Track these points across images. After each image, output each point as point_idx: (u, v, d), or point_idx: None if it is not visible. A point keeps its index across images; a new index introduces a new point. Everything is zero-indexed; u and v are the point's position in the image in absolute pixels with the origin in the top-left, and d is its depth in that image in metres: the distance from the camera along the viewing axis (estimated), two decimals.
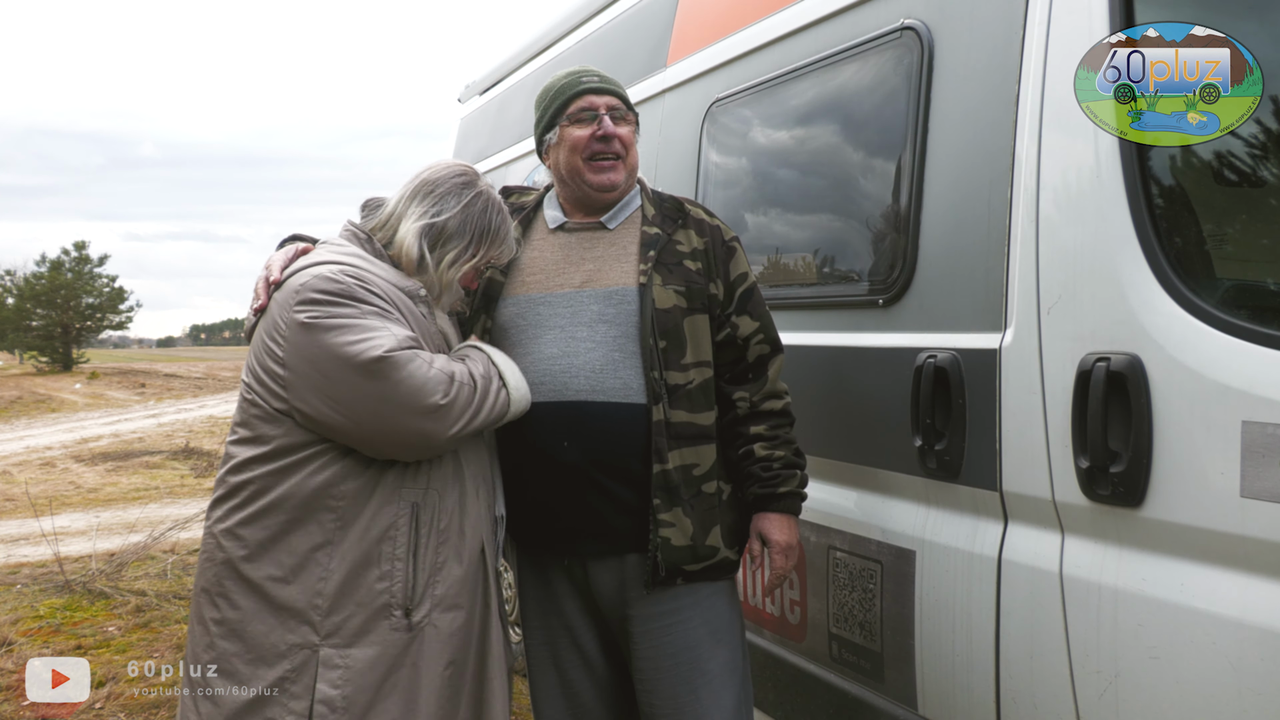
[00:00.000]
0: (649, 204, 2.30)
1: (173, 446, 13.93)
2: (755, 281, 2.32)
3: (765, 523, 2.25)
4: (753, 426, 2.26)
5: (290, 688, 1.91)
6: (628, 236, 2.26)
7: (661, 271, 2.19)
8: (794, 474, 2.26)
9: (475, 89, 5.80)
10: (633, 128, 2.27)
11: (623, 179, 2.25)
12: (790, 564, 2.25)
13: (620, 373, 2.14)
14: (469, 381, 1.97)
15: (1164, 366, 1.64)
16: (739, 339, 2.26)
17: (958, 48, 2.15)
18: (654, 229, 2.24)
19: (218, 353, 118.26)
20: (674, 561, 2.13)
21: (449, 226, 2.07)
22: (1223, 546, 1.57)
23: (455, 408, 1.93)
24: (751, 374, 2.28)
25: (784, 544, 2.24)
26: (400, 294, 2.01)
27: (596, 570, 2.21)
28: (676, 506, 2.13)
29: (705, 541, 2.17)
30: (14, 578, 6.50)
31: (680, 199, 2.33)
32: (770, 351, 2.29)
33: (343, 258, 2.02)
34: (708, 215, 2.33)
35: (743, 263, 2.31)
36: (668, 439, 2.13)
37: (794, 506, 2.27)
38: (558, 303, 2.21)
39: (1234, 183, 1.76)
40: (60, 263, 44.65)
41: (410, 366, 1.88)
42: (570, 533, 2.18)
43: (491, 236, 2.11)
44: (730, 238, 2.31)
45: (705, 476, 2.18)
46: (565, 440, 2.13)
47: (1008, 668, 1.93)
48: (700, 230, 2.28)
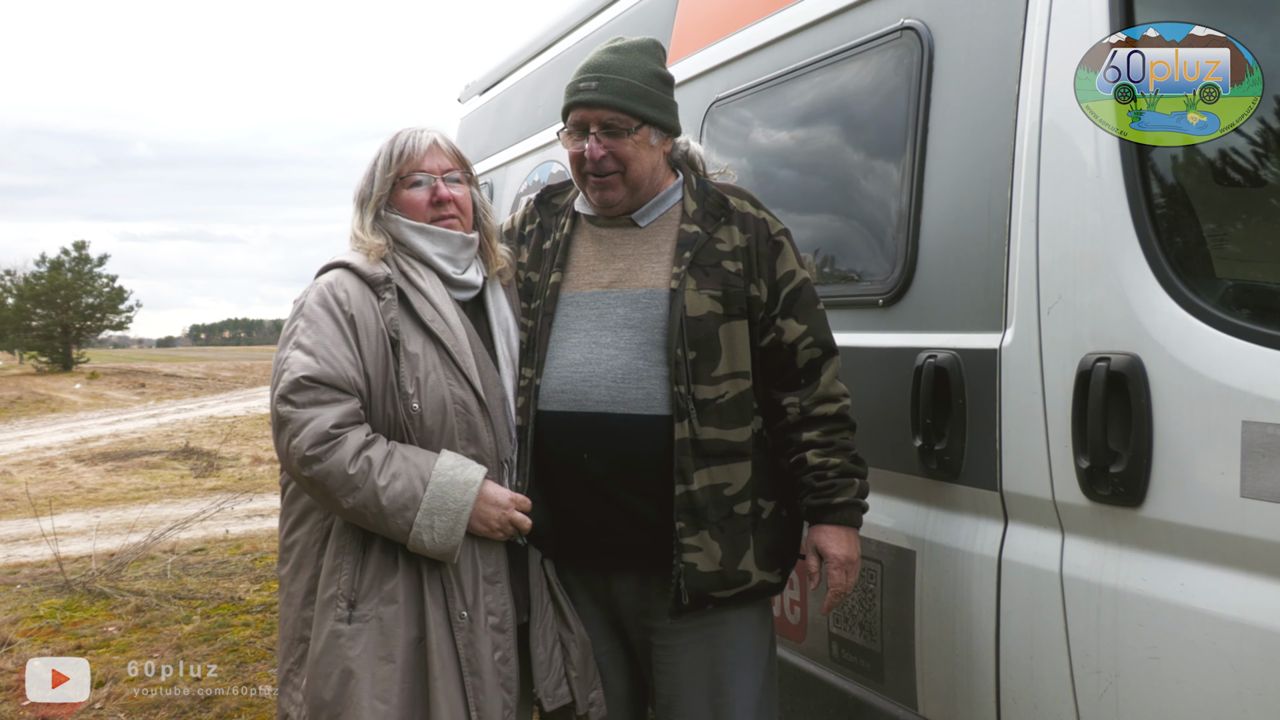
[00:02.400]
0: (691, 199, 2.14)
1: (173, 446, 13.93)
2: (806, 279, 2.13)
3: (822, 536, 2.07)
4: (805, 433, 2.08)
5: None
6: (663, 234, 2.13)
7: (697, 274, 2.05)
8: (851, 483, 2.08)
9: (475, 89, 5.80)
10: (636, 139, 2.08)
11: (620, 196, 2.11)
12: (851, 581, 2.09)
13: (644, 383, 2.03)
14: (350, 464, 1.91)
15: (1164, 366, 1.63)
16: (785, 344, 2.09)
17: (958, 48, 2.15)
18: (693, 227, 2.09)
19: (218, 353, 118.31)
20: (700, 588, 2.01)
21: (359, 186, 2.16)
22: (1223, 546, 1.57)
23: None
24: (803, 379, 2.10)
25: (843, 559, 2.06)
26: (361, 299, 2.03)
27: (618, 584, 2.14)
28: (703, 530, 2.00)
29: (737, 567, 2.03)
30: (14, 578, 6.50)
31: (727, 192, 2.16)
32: (822, 355, 2.11)
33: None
34: (754, 208, 2.14)
35: (791, 259, 2.11)
36: (694, 458, 1.99)
37: (852, 518, 2.08)
38: (585, 303, 2.12)
39: (1234, 183, 1.76)
40: (60, 263, 44.64)
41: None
42: (593, 545, 2.11)
43: (386, 158, 2.13)
44: (778, 231, 2.12)
45: (738, 496, 2.03)
46: (585, 453, 2.04)
47: (1008, 668, 1.93)
48: (744, 226, 2.10)
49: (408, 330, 2.02)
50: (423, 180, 2.11)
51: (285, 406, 1.91)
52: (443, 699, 1.96)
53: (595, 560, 2.14)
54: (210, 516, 7.93)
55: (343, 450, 1.90)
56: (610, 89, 2.07)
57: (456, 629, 1.99)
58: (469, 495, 1.96)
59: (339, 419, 1.91)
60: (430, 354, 2.02)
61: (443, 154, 2.15)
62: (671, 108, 2.17)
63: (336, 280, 2.04)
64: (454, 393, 2.02)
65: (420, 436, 2.00)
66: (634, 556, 2.08)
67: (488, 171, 5.16)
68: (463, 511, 1.95)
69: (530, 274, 2.23)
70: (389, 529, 1.94)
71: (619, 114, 2.07)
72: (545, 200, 2.32)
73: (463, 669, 1.99)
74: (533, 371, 2.11)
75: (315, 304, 2.01)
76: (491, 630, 2.03)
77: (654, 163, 2.14)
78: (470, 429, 2.04)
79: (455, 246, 2.12)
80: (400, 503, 1.92)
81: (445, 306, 2.08)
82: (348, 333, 1.98)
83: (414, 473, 1.94)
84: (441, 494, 1.94)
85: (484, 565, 2.04)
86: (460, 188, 2.15)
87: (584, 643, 2.17)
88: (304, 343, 1.96)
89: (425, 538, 1.94)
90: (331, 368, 1.93)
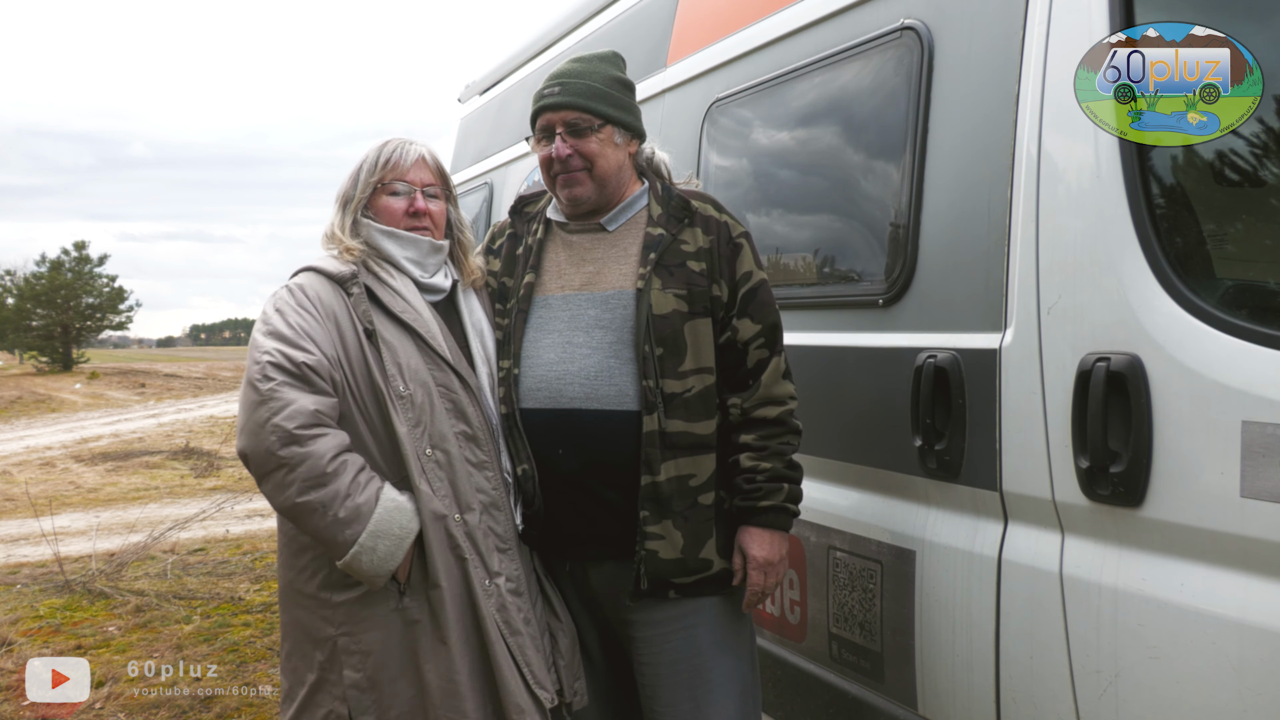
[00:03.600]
0: (656, 203, 2.23)
1: (173, 446, 13.93)
2: (763, 280, 2.20)
3: (745, 536, 2.15)
4: (742, 435, 2.15)
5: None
6: (630, 238, 2.22)
7: (662, 274, 2.13)
8: (779, 488, 2.14)
9: (475, 89, 5.80)
10: (600, 136, 2.17)
11: (588, 192, 2.19)
12: (769, 582, 2.16)
13: (616, 380, 2.11)
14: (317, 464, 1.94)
15: (1164, 366, 1.63)
16: (739, 343, 2.16)
17: (958, 48, 2.15)
18: (658, 230, 2.18)
19: (218, 353, 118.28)
20: (661, 574, 2.09)
21: (343, 186, 2.22)
22: (1223, 546, 1.57)
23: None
24: (750, 380, 2.17)
25: (761, 560, 2.13)
26: (331, 296, 2.09)
27: (596, 575, 2.21)
28: (666, 519, 2.08)
29: (698, 555, 2.11)
30: (14, 578, 6.50)
31: (689, 196, 2.24)
32: (767, 355, 2.17)
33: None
34: (716, 211, 2.22)
35: (749, 260, 2.19)
36: (661, 449, 2.07)
37: (778, 521, 2.15)
38: (557, 305, 2.21)
39: (1234, 183, 1.76)
40: (60, 263, 44.66)
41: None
42: (571, 538, 2.19)
43: (371, 164, 2.18)
44: (738, 234, 2.20)
45: (703, 487, 2.12)
46: (561, 449, 2.13)
47: (1008, 668, 1.93)
48: (707, 228, 2.19)
49: (381, 322, 2.09)
50: (402, 190, 2.19)
51: (266, 384, 1.94)
52: (503, 662, 2.06)
53: (574, 551, 2.22)
54: (210, 516, 7.93)
55: (326, 442, 1.94)
56: (571, 91, 2.18)
57: (487, 596, 2.07)
58: (414, 526, 2.01)
59: (322, 406, 1.97)
60: (406, 343, 2.09)
61: (427, 169, 2.23)
62: (634, 110, 2.27)
63: (306, 282, 2.12)
64: (435, 375, 2.09)
65: (412, 415, 2.04)
66: (608, 546, 2.15)
67: (487, 171, 5.16)
68: (405, 540, 2.00)
69: (504, 279, 2.31)
70: (334, 538, 1.96)
71: (581, 114, 2.17)
72: (519, 209, 2.42)
73: (502, 632, 2.07)
74: (510, 362, 2.20)
75: (288, 301, 2.07)
76: (510, 595, 2.12)
77: (619, 161, 2.22)
78: (457, 407, 2.11)
79: (423, 251, 2.21)
80: (357, 514, 1.95)
81: (417, 302, 2.16)
82: (326, 327, 2.04)
83: (373, 491, 1.99)
84: (389, 518, 1.98)
85: (494, 536, 2.12)
86: (437, 203, 2.24)
87: (571, 632, 2.26)
88: (283, 332, 2.02)
89: (365, 559, 1.97)
90: (313, 356, 1.99)
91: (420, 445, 2.05)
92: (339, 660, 2.06)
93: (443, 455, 2.07)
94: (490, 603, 2.07)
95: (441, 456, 2.06)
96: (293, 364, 1.96)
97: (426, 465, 2.05)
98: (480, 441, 2.12)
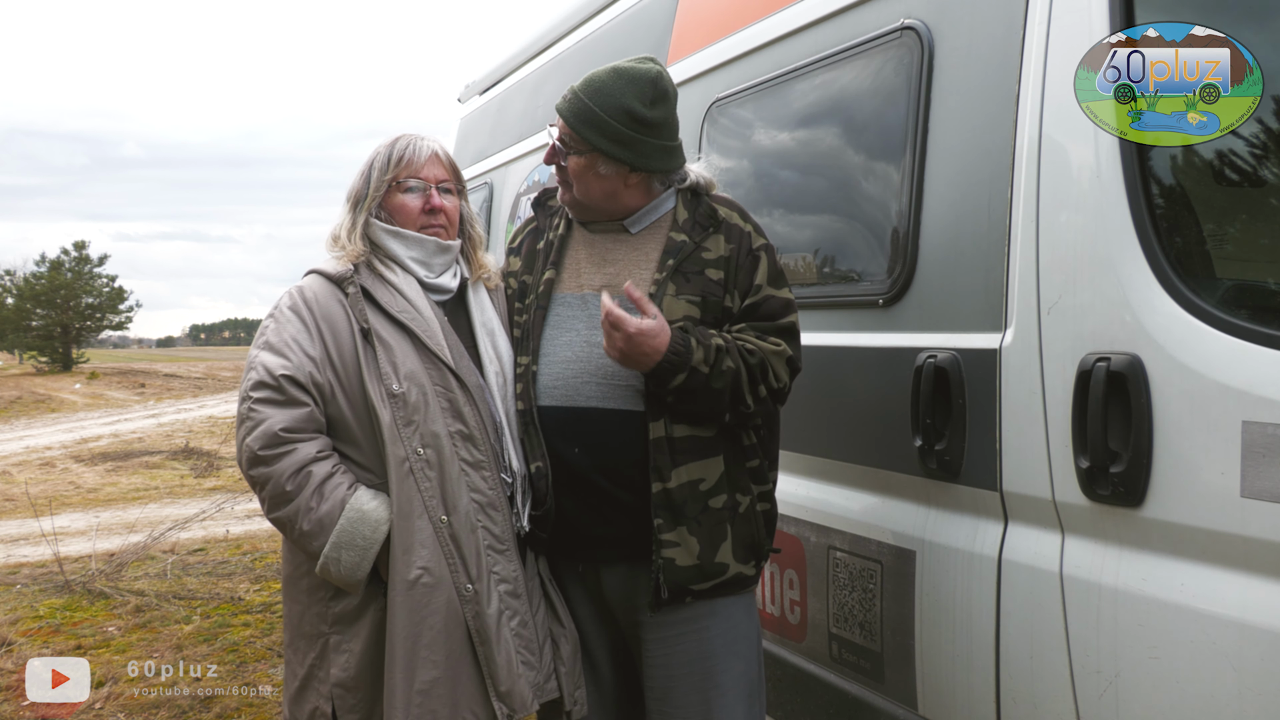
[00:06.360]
0: (683, 208, 2.19)
1: (172, 446, 13.93)
2: (770, 296, 2.13)
3: (647, 311, 1.99)
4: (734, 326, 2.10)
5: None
6: (652, 242, 2.19)
7: (677, 281, 2.11)
8: (719, 351, 2.01)
9: (475, 89, 5.80)
10: (582, 161, 2.12)
11: (569, 200, 2.21)
12: (607, 345, 1.99)
13: (631, 380, 2.09)
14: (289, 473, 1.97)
15: (1164, 366, 1.64)
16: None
17: (958, 48, 2.15)
18: (681, 235, 2.15)
19: (217, 353, 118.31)
20: (679, 581, 2.07)
21: (354, 185, 2.21)
22: (1223, 546, 1.57)
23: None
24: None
25: (634, 328, 1.93)
26: (329, 297, 2.11)
27: (609, 576, 2.20)
28: (681, 525, 2.07)
29: (714, 559, 2.10)
30: (14, 578, 6.50)
31: (718, 204, 2.21)
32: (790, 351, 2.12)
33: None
34: (742, 220, 2.19)
35: (763, 273, 2.14)
36: (670, 455, 2.06)
37: (673, 363, 1.97)
38: (577, 304, 2.20)
39: (1234, 183, 1.76)
40: (60, 263, 44.67)
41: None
42: (584, 538, 2.17)
43: (384, 161, 2.18)
44: (759, 246, 2.16)
45: (712, 491, 2.10)
46: (575, 447, 2.12)
47: (1008, 668, 1.93)
48: (730, 236, 2.16)
49: (378, 321, 2.10)
50: (416, 187, 2.17)
51: (244, 404, 2.02)
52: (467, 668, 2.05)
53: (587, 552, 2.20)
54: (210, 516, 7.93)
55: (289, 460, 1.98)
56: (573, 107, 2.13)
57: (463, 602, 2.05)
58: (379, 534, 2.01)
59: (289, 423, 1.99)
60: (404, 342, 2.09)
61: (441, 165, 2.22)
62: (634, 144, 2.10)
63: (308, 284, 2.15)
64: (432, 375, 2.09)
65: (405, 415, 2.04)
66: (620, 547, 2.14)
67: (487, 171, 5.16)
68: (370, 549, 2.00)
69: (525, 277, 2.30)
70: (305, 549, 2.03)
71: (571, 133, 2.15)
72: (542, 202, 2.40)
73: (473, 639, 2.05)
74: (529, 359, 2.19)
75: (285, 306, 2.12)
76: (506, 596, 2.09)
77: (604, 190, 2.15)
78: (454, 406, 2.09)
79: (429, 251, 2.19)
80: (320, 527, 1.98)
81: (418, 300, 2.15)
82: (314, 331, 2.07)
83: (337, 501, 2.00)
84: (351, 529, 1.99)
85: (488, 536, 2.10)
86: (451, 199, 2.23)
87: (574, 639, 2.23)
88: (272, 341, 2.07)
89: (333, 569, 2.00)
90: (292, 364, 2.02)
91: (411, 444, 2.04)
92: (328, 658, 2.07)
93: (433, 454, 2.05)
94: (467, 608, 2.04)
95: (432, 455, 2.05)
96: (272, 378, 2.01)
97: (415, 464, 2.04)
98: (477, 441, 2.10)
